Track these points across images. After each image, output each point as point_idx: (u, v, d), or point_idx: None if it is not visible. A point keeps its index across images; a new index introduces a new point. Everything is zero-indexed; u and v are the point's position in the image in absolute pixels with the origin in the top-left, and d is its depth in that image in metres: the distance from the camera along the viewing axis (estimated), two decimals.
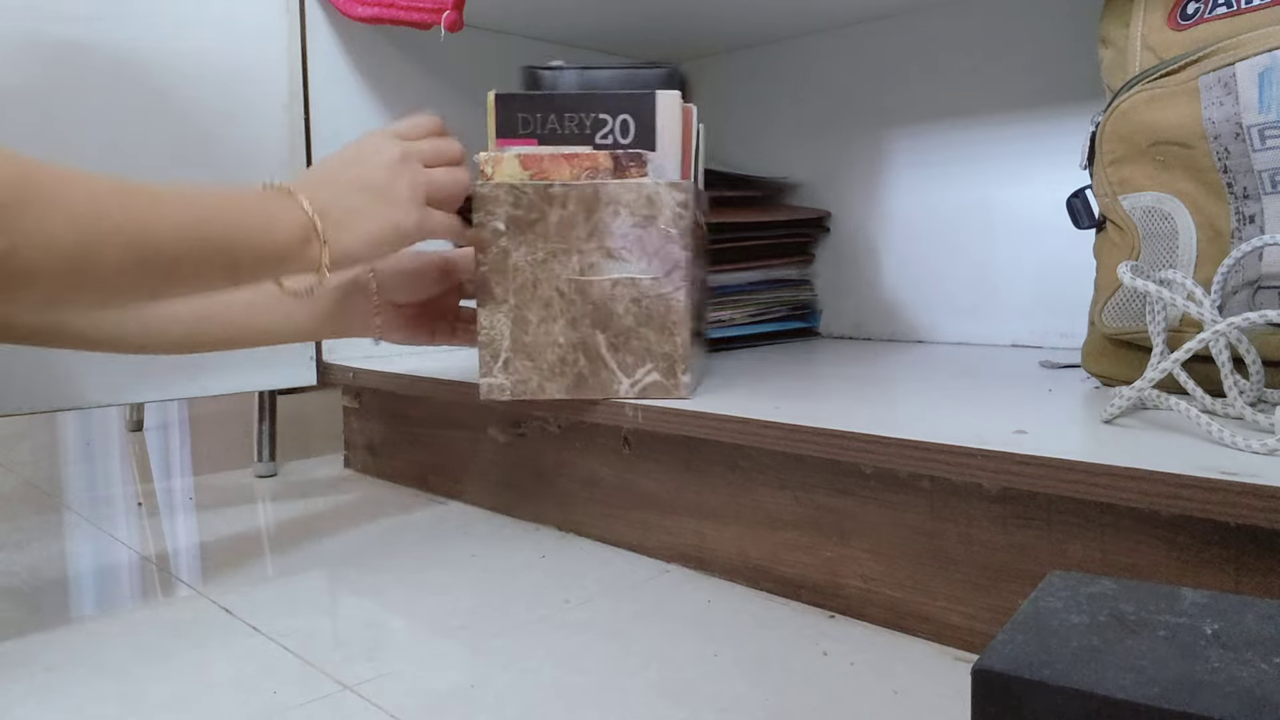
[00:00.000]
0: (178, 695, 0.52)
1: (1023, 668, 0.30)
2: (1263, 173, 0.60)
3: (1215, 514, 0.44)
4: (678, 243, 0.68)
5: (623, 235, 0.69)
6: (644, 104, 0.71)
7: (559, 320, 0.70)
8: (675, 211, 0.68)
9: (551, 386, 0.71)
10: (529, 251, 0.70)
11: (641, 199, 0.68)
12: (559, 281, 0.70)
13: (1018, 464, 0.50)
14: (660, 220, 0.68)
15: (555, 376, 0.71)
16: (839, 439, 0.57)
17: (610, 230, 0.69)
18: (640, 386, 0.70)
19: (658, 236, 0.68)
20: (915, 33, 1.11)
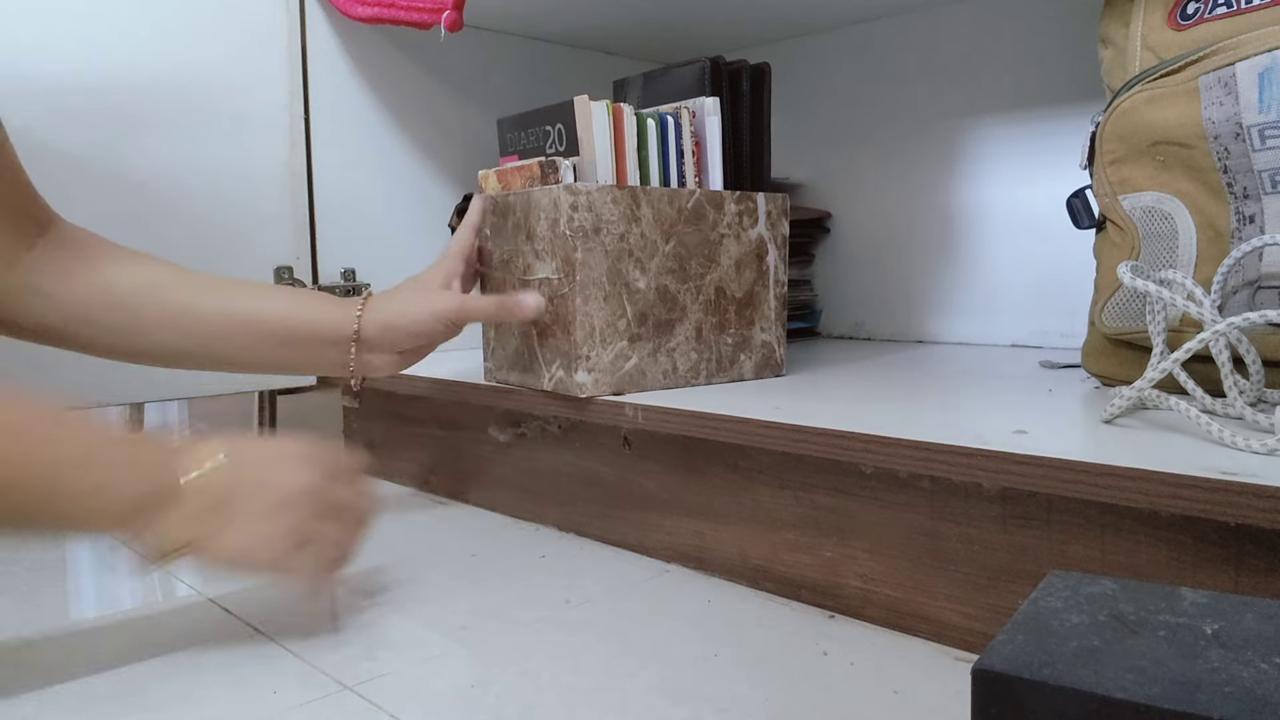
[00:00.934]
0: (178, 695, 0.52)
1: (1023, 668, 0.30)
2: (1263, 173, 0.60)
3: (1215, 514, 0.44)
4: (574, 244, 0.69)
5: (542, 238, 0.72)
6: (567, 112, 0.73)
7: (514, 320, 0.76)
8: (568, 214, 0.69)
9: (512, 375, 0.79)
10: (499, 253, 0.77)
11: (550, 203, 0.71)
12: (513, 280, 0.75)
13: (1018, 464, 0.50)
14: (560, 222, 0.70)
15: (514, 366, 0.78)
16: (839, 439, 0.57)
17: (536, 234, 0.72)
18: (554, 381, 0.74)
19: (558, 238, 0.70)
20: (915, 33, 1.11)
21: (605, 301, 0.71)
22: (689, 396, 0.71)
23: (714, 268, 0.77)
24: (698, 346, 0.77)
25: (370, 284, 1.07)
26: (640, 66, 1.37)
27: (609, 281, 0.71)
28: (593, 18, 1.15)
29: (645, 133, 0.75)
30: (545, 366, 0.74)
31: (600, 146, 0.72)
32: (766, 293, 0.80)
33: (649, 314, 0.73)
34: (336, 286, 1.04)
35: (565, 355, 0.71)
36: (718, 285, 0.77)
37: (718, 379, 0.78)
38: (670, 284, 0.74)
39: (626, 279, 0.72)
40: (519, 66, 1.22)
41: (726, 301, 0.78)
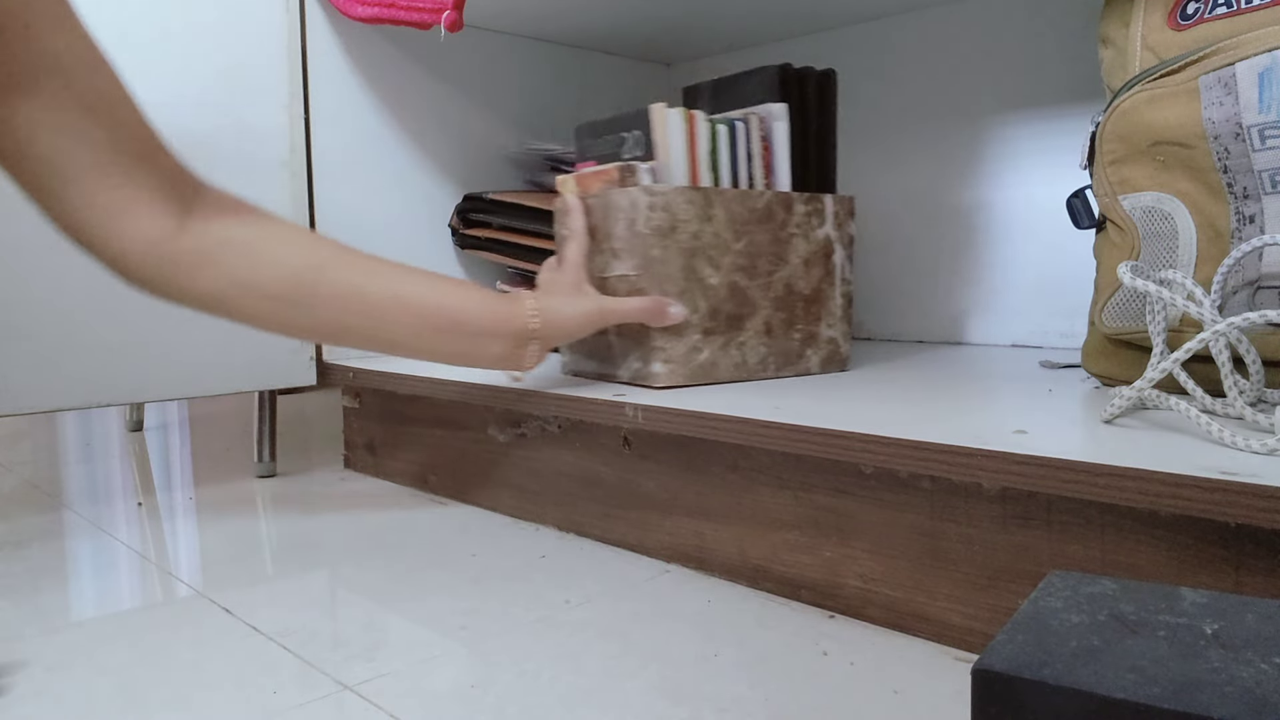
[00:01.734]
0: (178, 695, 0.52)
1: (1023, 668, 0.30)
2: (1263, 173, 0.60)
3: (1215, 514, 0.44)
4: (651, 242, 0.73)
5: (619, 237, 0.76)
6: (644, 119, 0.77)
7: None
8: (645, 214, 0.73)
9: (589, 366, 0.82)
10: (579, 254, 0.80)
11: (628, 204, 0.75)
12: (593, 278, 0.79)
13: (1018, 464, 0.50)
14: (638, 222, 0.74)
15: (591, 358, 0.82)
16: (839, 439, 0.57)
17: (614, 233, 0.76)
18: (631, 372, 0.78)
19: (636, 237, 0.74)
20: (914, 33, 1.11)
21: (680, 296, 0.74)
22: (689, 396, 0.71)
23: (783, 266, 0.80)
24: (767, 341, 0.80)
25: None
26: (640, 66, 1.37)
27: (683, 278, 0.74)
28: (593, 18, 1.15)
29: (717, 138, 0.79)
30: (622, 359, 0.78)
31: (675, 151, 0.77)
32: (833, 290, 0.84)
33: (720, 309, 0.77)
34: None
35: (642, 348, 0.75)
36: (786, 283, 0.80)
37: (785, 373, 0.82)
38: (741, 280, 0.77)
39: (700, 275, 0.75)
40: (519, 66, 1.22)
41: (794, 298, 0.81)
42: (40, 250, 0.85)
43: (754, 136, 0.81)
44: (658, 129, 0.77)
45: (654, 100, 1.39)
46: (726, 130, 0.79)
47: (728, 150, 0.80)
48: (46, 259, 0.85)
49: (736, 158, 0.80)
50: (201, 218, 0.62)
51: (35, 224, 0.84)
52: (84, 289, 0.87)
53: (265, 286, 0.63)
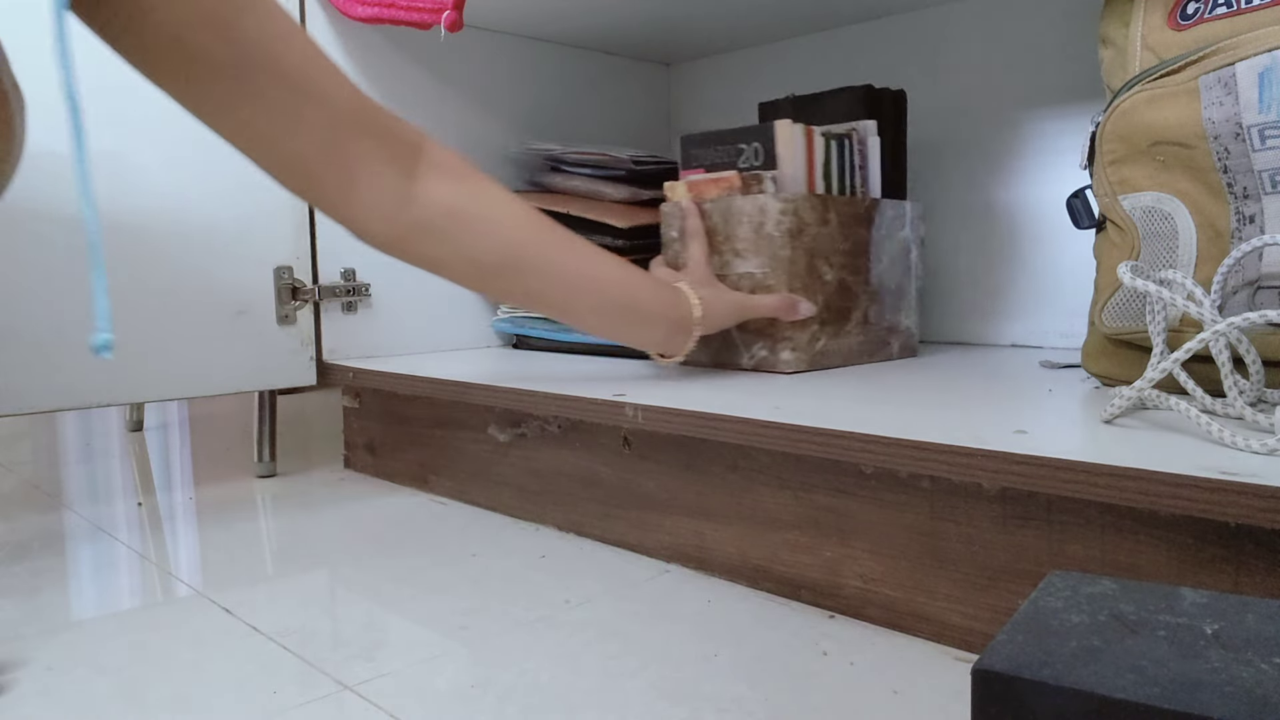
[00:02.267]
0: (178, 695, 0.52)
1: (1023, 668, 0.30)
2: (1263, 173, 0.60)
3: (1215, 514, 0.44)
4: (781, 243, 0.82)
5: (744, 239, 0.85)
6: (767, 133, 0.87)
7: None
8: (776, 218, 0.82)
9: (704, 356, 0.90)
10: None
11: (756, 209, 0.84)
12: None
13: (1018, 464, 0.50)
14: (767, 225, 0.83)
15: (704, 348, 0.89)
16: (839, 439, 0.57)
17: (736, 235, 0.85)
18: (755, 360, 0.86)
19: (763, 238, 0.83)
20: (912, 33, 1.11)
21: (804, 292, 0.84)
22: (689, 396, 0.71)
23: (877, 264, 0.91)
24: (864, 330, 0.91)
25: (370, 284, 1.07)
26: (641, 66, 1.37)
27: (807, 274, 0.84)
28: (593, 18, 1.15)
29: (830, 150, 0.90)
30: (745, 348, 0.86)
31: (795, 162, 0.87)
32: (910, 285, 0.95)
33: (832, 303, 0.87)
34: (337, 286, 1.04)
35: (770, 338, 0.84)
36: (879, 278, 0.92)
37: (875, 359, 0.92)
38: (847, 277, 0.88)
39: (819, 273, 0.85)
40: (519, 66, 1.22)
41: (884, 292, 0.92)
42: (40, 250, 0.85)
43: (855, 150, 0.92)
44: (781, 142, 0.86)
45: (652, 99, 1.39)
46: (836, 144, 0.91)
47: (837, 161, 0.91)
48: (46, 259, 0.85)
49: (843, 169, 0.92)
50: (425, 185, 0.64)
51: (35, 224, 0.84)
52: (83, 289, 0.87)
53: (480, 259, 0.67)
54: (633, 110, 1.38)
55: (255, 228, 0.98)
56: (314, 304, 1.03)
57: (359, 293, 1.06)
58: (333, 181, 0.60)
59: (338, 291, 1.04)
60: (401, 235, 0.64)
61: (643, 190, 1.07)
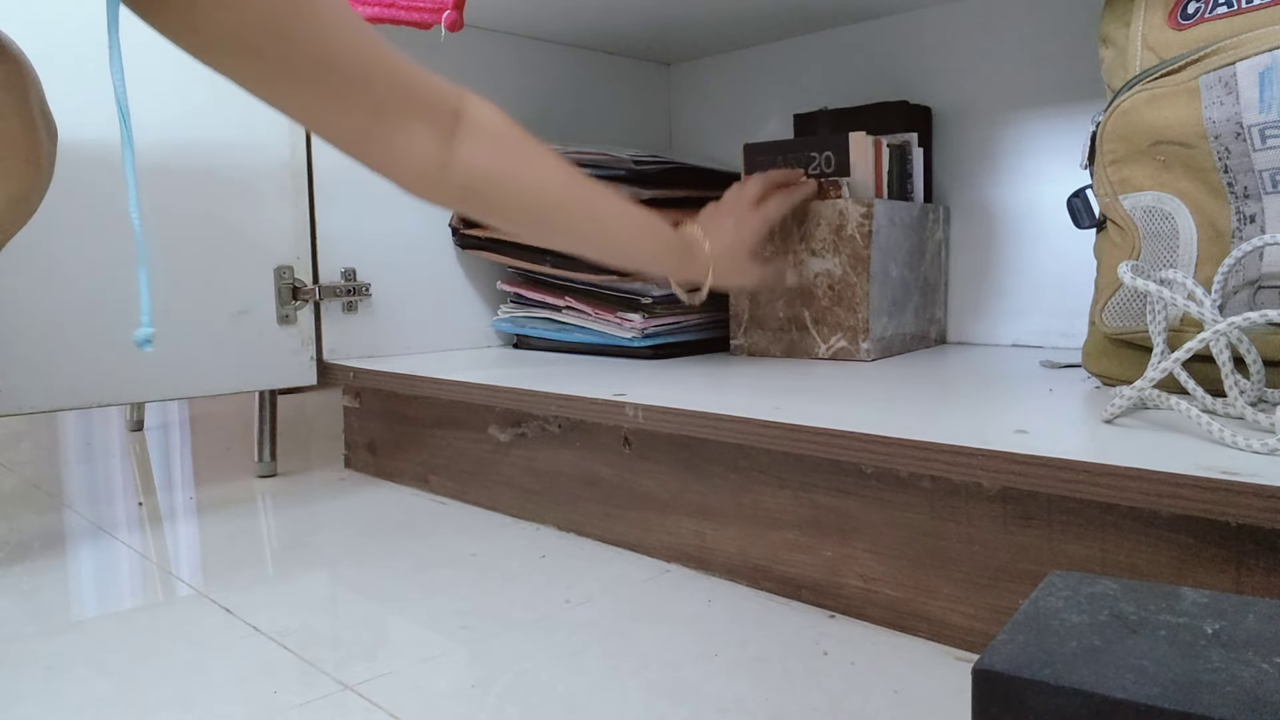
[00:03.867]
0: (178, 695, 0.52)
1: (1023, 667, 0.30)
2: (1263, 172, 0.60)
3: (1215, 514, 0.44)
4: (863, 243, 0.90)
5: (821, 239, 0.92)
6: (841, 143, 0.95)
7: (780, 300, 0.96)
8: (858, 220, 0.90)
9: (775, 348, 0.97)
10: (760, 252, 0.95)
11: (835, 213, 0.91)
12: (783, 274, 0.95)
13: (1018, 464, 0.50)
14: (848, 227, 0.90)
15: (777, 340, 0.97)
16: (839, 439, 0.57)
17: (814, 236, 0.93)
18: (832, 350, 0.93)
19: (844, 240, 0.91)
20: (912, 33, 1.11)
21: (880, 287, 0.92)
22: (689, 396, 0.71)
23: (923, 261, 1.01)
24: (915, 321, 1.00)
25: (370, 284, 1.07)
26: (640, 66, 1.37)
27: (881, 272, 0.92)
28: (593, 18, 1.15)
29: (894, 160, 0.99)
30: (822, 340, 0.93)
31: (866, 170, 0.95)
32: (942, 280, 1.07)
33: (896, 297, 0.96)
34: (338, 286, 1.04)
35: (850, 329, 0.91)
36: (924, 275, 1.02)
37: (920, 347, 1.02)
38: (905, 274, 0.97)
39: (888, 270, 0.93)
40: (519, 66, 1.22)
41: (927, 287, 1.03)
42: (41, 250, 0.85)
43: (906, 160, 1.02)
44: (855, 152, 0.94)
45: (652, 99, 1.39)
46: (897, 154, 1.00)
47: (898, 170, 1.00)
48: (47, 259, 0.85)
49: (904, 176, 1.02)
50: (466, 152, 0.67)
51: (35, 224, 0.84)
52: (84, 289, 0.87)
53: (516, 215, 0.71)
54: (633, 110, 1.38)
55: (256, 228, 0.98)
56: (314, 304, 1.03)
57: (359, 293, 1.06)
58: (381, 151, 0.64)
59: (338, 291, 1.04)
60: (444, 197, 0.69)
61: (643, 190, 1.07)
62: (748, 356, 0.98)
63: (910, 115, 1.05)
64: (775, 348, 0.96)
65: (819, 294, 0.93)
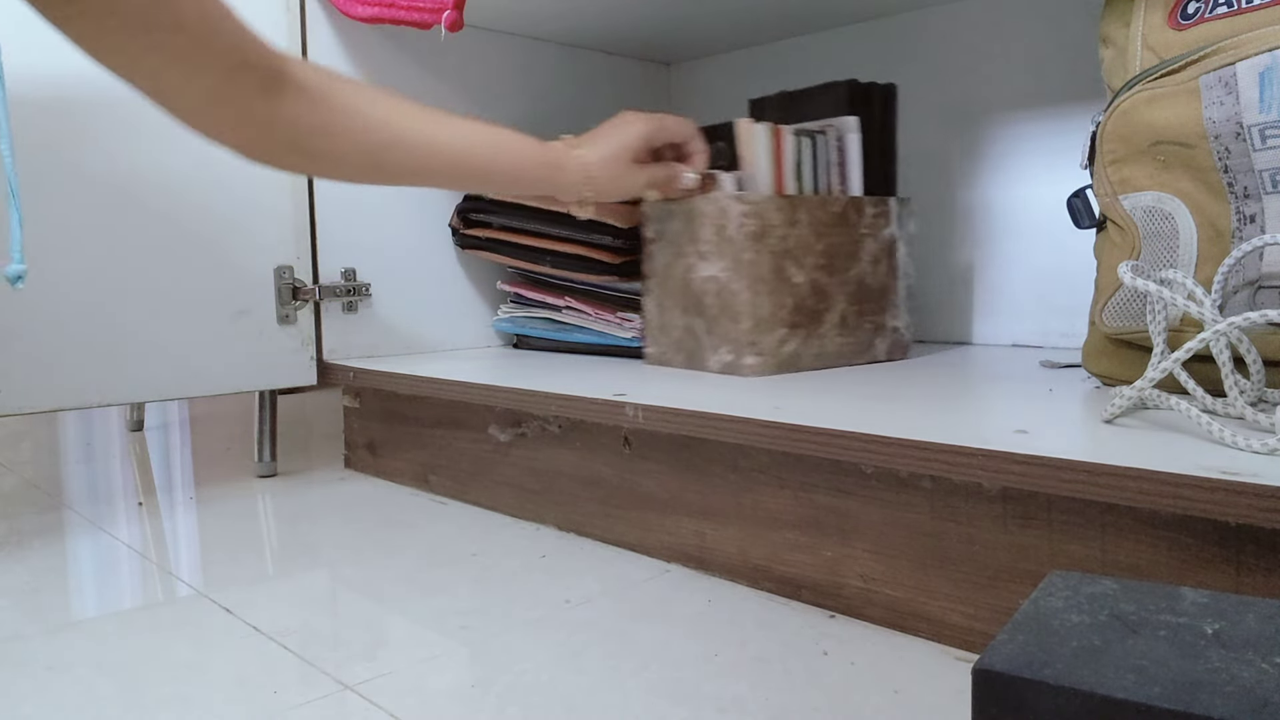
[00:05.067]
0: (178, 695, 0.52)
1: (1023, 667, 0.30)
2: (1263, 172, 0.60)
3: (1215, 514, 0.44)
4: (743, 245, 0.80)
5: (707, 241, 0.83)
6: (728, 132, 0.86)
7: (678, 307, 0.87)
8: (738, 220, 0.80)
9: (677, 358, 0.89)
10: (663, 255, 0.89)
11: (717, 211, 0.82)
12: (677, 278, 0.87)
13: (1018, 464, 0.50)
14: (729, 228, 0.81)
15: (679, 351, 0.88)
16: (839, 439, 0.57)
17: (701, 238, 0.84)
18: (721, 364, 0.84)
19: (726, 241, 0.81)
20: (912, 32, 1.11)
21: (769, 295, 0.82)
22: (689, 396, 0.71)
23: (856, 264, 0.88)
24: (842, 332, 0.88)
25: (370, 283, 1.07)
26: (640, 66, 1.37)
27: (773, 277, 0.82)
28: (592, 18, 1.15)
29: (802, 149, 0.88)
30: (712, 351, 0.84)
31: (761, 162, 0.85)
32: (896, 284, 0.92)
33: (804, 305, 0.84)
34: (338, 286, 1.04)
35: (734, 341, 0.82)
36: (859, 279, 0.89)
37: (858, 361, 0.90)
38: (821, 278, 0.86)
39: (787, 275, 0.83)
40: (519, 66, 1.22)
41: (866, 293, 0.89)
42: (40, 250, 0.85)
43: (831, 148, 0.90)
44: (743, 142, 0.85)
45: (651, 99, 1.39)
46: (809, 142, 0.88)
47: (810, 160, 0.88)
48: (47, 259, 0.85)
49: (818, 167, 0.89)
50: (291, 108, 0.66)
51: (35, 224, 0.84)
52: (83, 289, 0.87)
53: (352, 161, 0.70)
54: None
55: (256, 227, 0.98)
56: (314, 304, 1.03)
57: (359, 293, 1.06)
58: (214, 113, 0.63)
59: (338, 291, 1.04)
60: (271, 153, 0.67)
61: None
62: (658, 366, 0.90)
63: (865, 95, 0.93)
64: (678, 358, 0.88)
65: (709, 301, 0.84)
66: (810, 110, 0.94)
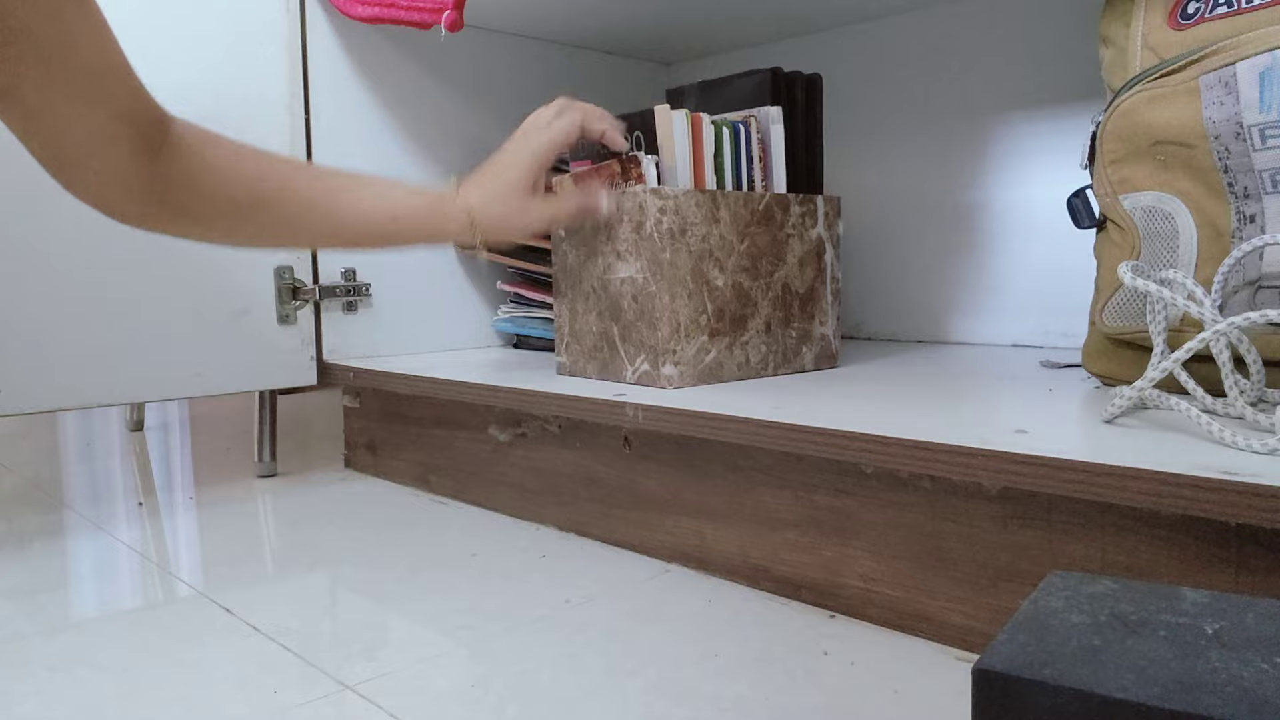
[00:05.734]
0: (178, 695, 0.52)
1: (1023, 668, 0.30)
2: (1263, 172, 0.60)
3: (1215, 514, 0.44)
4: (661, 245, 0.74)
5: (625, 239, 0.76)
6: (647, 120, 0.78)
7: (593, 312, 0.80)
8: (655, 217, 0.74)
9: (590, 367, 0.82)
10: (575, 254, 0.81)
11: (635, 207, 0.75)
12: (592, 280, 0.80)
13: (1018, 464, 0.50)
14: (647, 225, 0.74)
15: (591, 360, 0.82)
16: (839, 438, 0.57)
17: (618, 235, 0.77)
18: (638, 374, 0.77)
19: (644, 239, 0.75)
20: (912, 32, 1.11)
21: (689, 299, 0.76)
22: (689, 396, 0.71)
23: (781, 266, 0.82)
24: (767, 340, 0.82)
25: (370, 284, 1.07)
26: (640, 66, 1.37)
27: (692, 280, 0.76)
28: (592, 18, 1.15)
29: (721, 140, 0.80)
30: (628, 361, 0.78)
31: (680, 153, 0.77)
32: (824, 289, 0.86)
33: (726, 310, 0.78)
34: (338, 286, 1.04)
35: (651, 350, 0.76)
36: (784, 282, 0.83)
37: (783, 370, 0.83)
38: (744, 281, 0.79)
39: (707, 277, 0.77)
40: (519, 66, 1.22)
41: (791, 297, 0.83)
42: (40, 250, 0.85)
43: (754, 139, 0.82)
44: (662, 130, 0.77)
45: (651, 99, 1.39)
46: (730, 132, 0.80)
47: (730, 152, 0.80)
48: (47, 259, 0.85)
49: (739, 159, 0.81)
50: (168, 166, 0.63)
51: (36, 224, 0.84)
52: (83, 289, 0.87)
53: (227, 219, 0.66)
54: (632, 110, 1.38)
55: None
56: (314, 304, 1.03)
57: (359, 293, 1.06)
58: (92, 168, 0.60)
59: (338, 291, 1.04)
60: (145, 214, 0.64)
61: None
62: (569, 377, 0.84)
63: (788, 84, 0.86)
64: (590, 367, 0.82)
65: (625, 305, 0.77)
66: (730, 100, 0.86)
